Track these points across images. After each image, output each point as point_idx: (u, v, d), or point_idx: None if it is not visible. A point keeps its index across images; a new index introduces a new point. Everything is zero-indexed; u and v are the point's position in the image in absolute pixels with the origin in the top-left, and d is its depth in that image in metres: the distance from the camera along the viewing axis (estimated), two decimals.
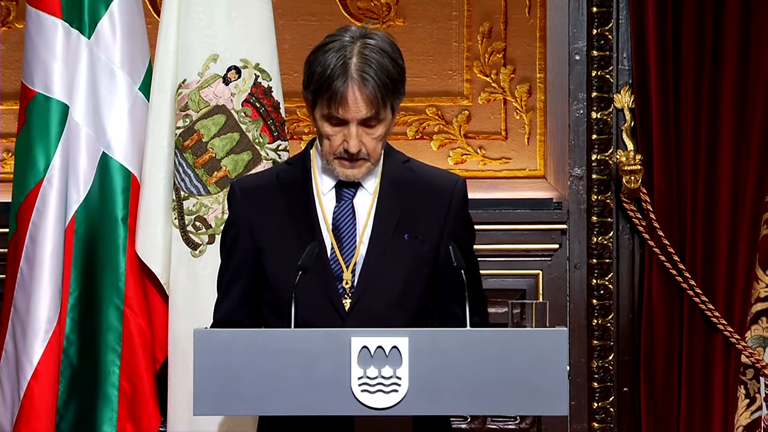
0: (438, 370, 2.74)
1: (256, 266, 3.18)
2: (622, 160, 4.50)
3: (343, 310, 3.11)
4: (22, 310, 4.11)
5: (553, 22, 4.72)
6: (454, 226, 3.19)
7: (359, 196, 3.17)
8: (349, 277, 3.12)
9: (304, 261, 2.99)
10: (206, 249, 4.14)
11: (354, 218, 3.16)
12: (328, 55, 3.06)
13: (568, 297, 4.66)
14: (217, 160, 4.16)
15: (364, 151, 3.09)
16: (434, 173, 3.27)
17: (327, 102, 3.05)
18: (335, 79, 3.03)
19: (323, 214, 3.16)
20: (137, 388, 4.19)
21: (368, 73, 3.03)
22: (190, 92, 4.16)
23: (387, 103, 3.08)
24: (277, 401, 2.74)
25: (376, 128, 3.09)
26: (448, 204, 3.19)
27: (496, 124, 4.79)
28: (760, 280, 4.63)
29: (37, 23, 4.19)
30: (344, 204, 3.16)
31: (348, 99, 3.03)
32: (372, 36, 3.09)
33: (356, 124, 3.07)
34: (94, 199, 4.21)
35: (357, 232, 3.15)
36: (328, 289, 3.11)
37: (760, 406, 4.65)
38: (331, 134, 3.09)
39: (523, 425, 4.69)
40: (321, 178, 3.18)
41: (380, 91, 3.04)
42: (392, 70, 3.07)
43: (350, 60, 3.04)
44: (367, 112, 3.05)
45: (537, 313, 2.88)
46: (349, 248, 3.14)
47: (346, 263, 3.13)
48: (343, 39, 3.08)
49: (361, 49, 3.05)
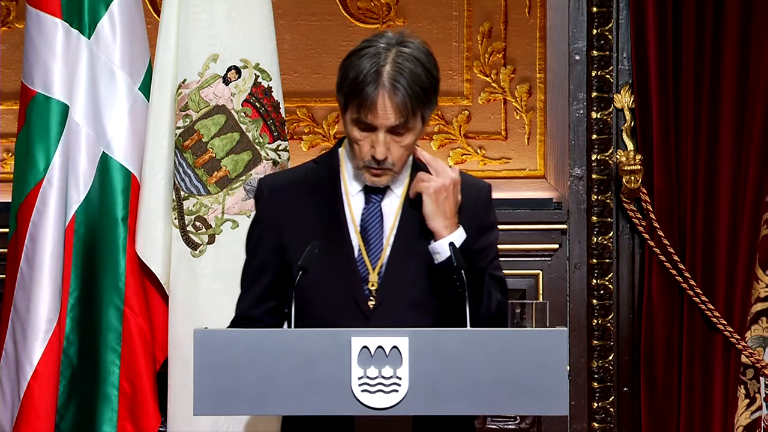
0: (438, 370, 2.74)
1: (282, 264, 3.17)
2: (622, 160, 4.50)
3: (368, 311, 3.11)
4: (22, 310, 4.11)
5: (553, 22, 4.72)
6: (477, 233, 3.18)
7: (387, 199, 3.17)
8: (375, 279, 3.13)
9: (304, 261, 2.99)
10: (206, 249, 4.14)
11: (382, 221, 3.16)
12: (362, 61, 3.05)
13: (568, 297, 4.66)
14: (217, 160, 4.16)
15: (390, 160, 3.09)
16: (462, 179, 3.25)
17: (357, 107, 3.04)
18: (367, 85, 3.02)
19: (351, 215, 3.16)
20: (137, 388, 4.19)
21: (400, 81, 3.02)
22: (190, 92, 4.16)
23: (417, 113, 3.06)
24: (277, 401, 2.74)
25: (405, 137, 3.08)
26: (473, 210, 3.19)
27: (496, 124, 4.79)
28: (760, 280, 4.63)
29: (37, 23, 4.19)
30: (373, 206, 3.16)
31: (378, 106, 3.03)
32: (408, 44, 3.08)
33: (384, 131, 3.06)
34: (94, 199, 4.21)
35: (384, 234, 3.15)
36: (354, 291, 3.12)
37: (760, 406, 4.65)
38: (360, 139, 3.08)
39: (523, 425, 4.69)
40: (350, 179, 3.18)
41: (411, 100, 3.03)
42: (425, 80, 3.06)
43: (383, 67, 3.03)
44: (396, 120, 3.04)
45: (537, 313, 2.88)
46: (376, 250, 3.14)
47: (373, 265, 3.13)
48: (378, 45, 3.06)
49: (395, 57, 3.04)
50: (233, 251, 4.12)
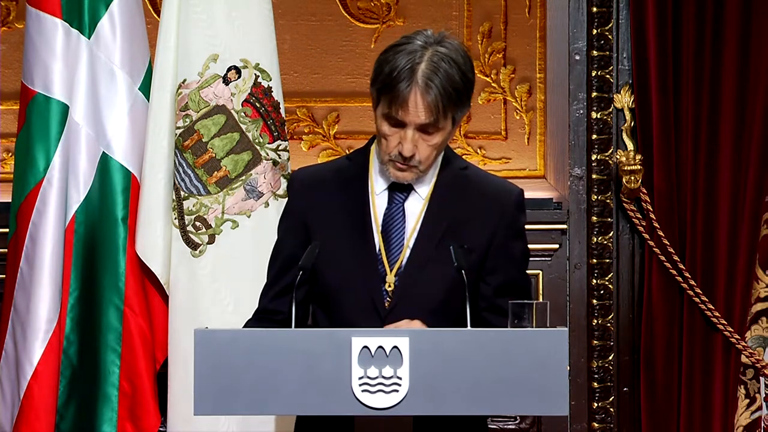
0: (438, 370, 2.74)
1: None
2: (622, 160, 4.50)
3: (384, 311, 3.11)
4: (22, 310, 4.11)
5: (553, 22, 4.72)
6: (504, 238, 3.19)
7: (411, 200, 3.17)
8: (392, 279, 3.13)
9: (304, 261, 3.00)
10: (206, 249, 4.14)
11: (404, 221, 3.16)
12: (398, 57, 3.05)
13: (568, 297, 4.66)
14: (217, 160, 4.16)
15: (417, 158, 3.09)
16: (491, 182, 3.26)
17: (389, 102, 3.05)
18: (400, 81, 3.02)
19: (374, 214, 3.16)
20: (137, 388, 4.19)
21: (433, 80, 3.02)
22: (190, 92, 4.16)
23: (448, 114, 3.07)
24: (278, 401, 2.75)
25: (434, 136, 3.08)
26: (499, 214, 3.19)
27: (496, 124, 4.79)
28: (760, 280, 4.63)
29: (37, 23, 4.19)
30: (395, 206, 3.17)
31: (409, 103, 3.03)
32: (445, 44, 3.08)
33: (414, 128, 3.06)
34: (94, 199, 4.21)
35: (405, 235, 3.15)
36: (372, 290, 3.12)
37: (760, 406, 4.65)
38: (389, 134, 3.08)
39: (523, 425, 4.69)
40: (376, 178, 3.19)
41: (442, 101, 3.03)
42: (458, 82, 3.06)
43: (418, 65, 3.03)
44: (426, 118, 3.04)
45: (537, 313, 2.87)
46: (395, 251, 3.14)
47: (391, 266, 3.13)
48: (416, 42, 3.07)
49: (431, 56, 3.04)
50: (233, 251, 4.13)
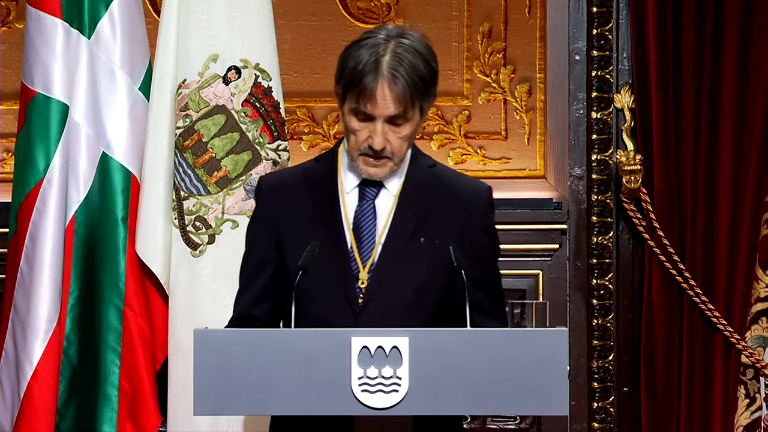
0: (438, 370, 2.74)
1: (279, 261, 3.18)
2: (622, 160, 4.50)
3: (357, 308, 3.11)
4: (22, 310, 4.11)
5: (553, 22, 4.72)
6: (475, 234, 3.18)
7: (381, 197, 3.18)
8: (365, 276, 3.13)
9: (304, 261, 2.99)
10: (206, 249, 4.14)
11: (375, 218, 3.16)
12: (361, 51, 3.06)
13: (568, 297, 4.66)
14: (217, 160, 4.16)
15: (388, 149, 3.09)
16: (460, 179, 3.27)
17: (356, 97, 3.05)
18: (366, 75, 3.03)
19: (345, 212, 3.16)
20: (137, 388, 4.19)
21: (399, 71, 3.03)
22: (190, 92, 4.16)
23: (416, 103, 3.07)
24: (277, 401, 2.74)
25: (403, 127, 3.09)
26: (469, 210, 3.19)
27: (496, 124, 4.79)
28: (760, 280, 4.63)
29: (37, 23, 4.19)
30: (366, 203, 3.17)
31: (377, 95, 3.03)
32: (407, 36, 3.09)
33: (383, 121, 3.06)
34: (94, 199, 4.21)
35: (376, 232, 3.15)
36: (345, 288, 3.12)
37: (760, 406, 4.65)
38: (358, 129, 3.09)
39: (523, 425, 4.69)
40: (346, 176, 3.18)
41: (410, 90, 3.04)
42: (424, 71, 3.07)
43: (383, 57, 3.04)
44: (395, 109, 3.05)
45: (537, 313, 2.88)
46: (367, 248, 3.14)
47: (363, 263, 3.13)
48: (378, 36, 3.08)
49: (394, 48, 3.05)
50: (233, 251, 4.12)
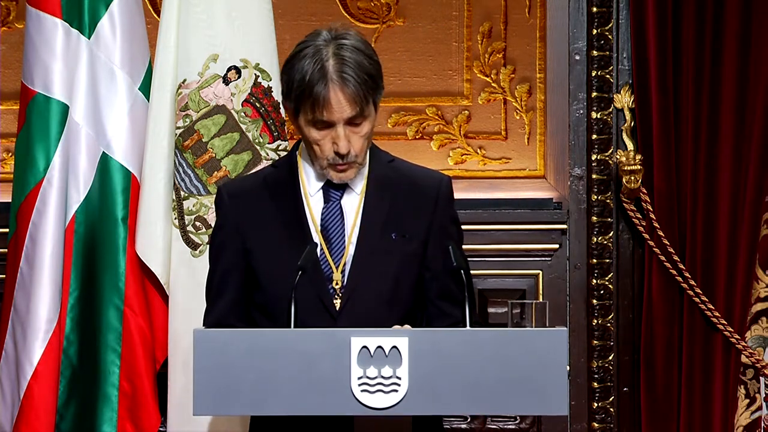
0: (438, 370, 2.74)
1: (247, 268, 3.19)
2: (622, 160, 4.50)
3: (334, 310, 3.12)
4: (22, 310, 4.11)
5: (553, 22, 4.72)
6: (441, 224, 3.20)
7: (347, 197, 3.19)
8: (339, 277, 3.13)
9: (303, 261, 2.99)
10: (206, 249, 4.13)
11: (342, 219, 3.17)
12: (304, 62, 3.07)
13: (568, 297, 4.66)
14: (217, 160, 4.16)
15: (353, 153, 3.11)
16: (419, 172, 3.29)
17: (311, 107, 3.07)
18: (315, 83, 3.04)
19: (311, 215, 3.17)
20: (137, 388, 4.19)
21: (347, 72, 3.05)
22: (190, 92, 4.16)
23: (369, 100, 3.10)
24: (277, 401, 2.75)
25: (362, 126, 3.11)
26: (434, 202, 3.21)
27: (496, 124, 4.79)
28: (760, 280, 4.63)
29: (37, 23, 4.19)
30: (332, 205, 3.18)
31: (331, 101, 3.05)
32: (344, 36, 3.11)
33: (343, 124, 3.08)
34: (94, 199, 4.21)
35: (346, 232, 3.16)
36: (319, 291, 3.12)
37: (760, 406, 4.65)
38: (319, 138, 3.10)
39: (523, 425, 4.69)
40: (308, 180, 3.20)
41: (362, 89, 3.06)
42: (369, 67, 3.09)
43: (327, 62, 3.05)
44: (352, 111, 3.07)
45: (537, 313, 2.88)
46: (338, 249, 3.16)
47: (336, 264, 3.14)
48: (316, 43, 3.09)
49: (336, 51, 3.07)
50: None
